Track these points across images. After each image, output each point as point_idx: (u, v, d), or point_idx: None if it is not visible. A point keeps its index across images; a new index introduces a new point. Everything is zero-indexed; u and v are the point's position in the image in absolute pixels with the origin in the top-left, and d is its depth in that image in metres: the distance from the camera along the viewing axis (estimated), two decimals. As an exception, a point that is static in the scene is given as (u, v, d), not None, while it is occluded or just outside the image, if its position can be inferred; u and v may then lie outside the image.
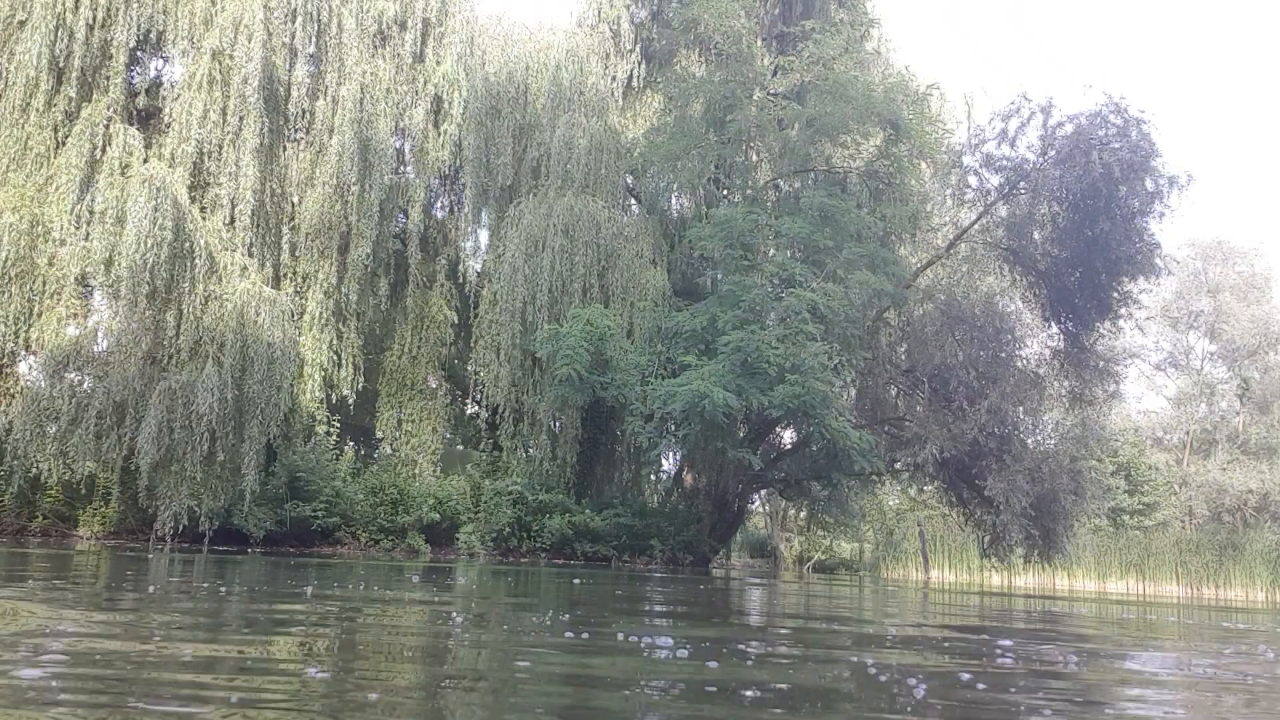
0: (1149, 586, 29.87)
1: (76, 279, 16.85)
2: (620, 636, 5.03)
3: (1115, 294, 19.50)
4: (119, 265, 15.74)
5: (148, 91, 19.08)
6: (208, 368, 15.92)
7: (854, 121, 19.48)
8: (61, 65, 17.59)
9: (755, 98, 21.08)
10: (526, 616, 6.12)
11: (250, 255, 17.97)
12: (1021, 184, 19.58)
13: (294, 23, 19.16)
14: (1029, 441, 19.99)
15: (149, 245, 15.67)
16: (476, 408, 21.43)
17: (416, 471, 20.64)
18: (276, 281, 18.71)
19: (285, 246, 19.07)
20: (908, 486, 27.46)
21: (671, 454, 22.58)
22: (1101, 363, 21.07)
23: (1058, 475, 18.61)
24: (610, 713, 2.90)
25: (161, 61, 19.79)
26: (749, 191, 21.85)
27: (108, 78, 18.04)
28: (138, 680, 3.07)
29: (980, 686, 3.83)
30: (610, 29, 23.83)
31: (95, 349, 16.87)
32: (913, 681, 3.83)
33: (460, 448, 23.98)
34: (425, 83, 21.18)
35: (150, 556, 12.59)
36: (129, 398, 15.80)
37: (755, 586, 14.61)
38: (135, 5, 17.91)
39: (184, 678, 3.15)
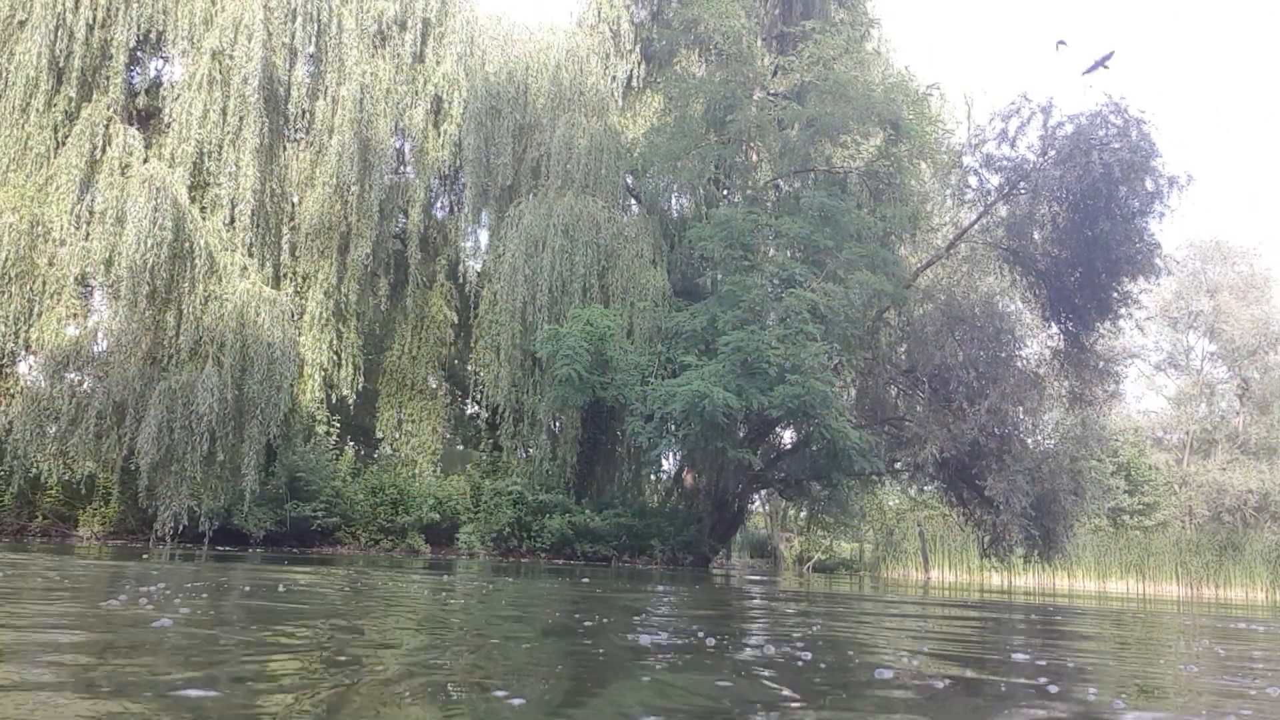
0: (1149, 586, 29.88)
1: (76, 279, 16.84)
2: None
3: (1115, 294, 19.49)
4: (119, 265, 15.74)
5: (148, 91, 19.09)
6: (208, 368, 15.92)
7: (854, 121, 19.49)
8: (61, 65, 17.58)
9: (755, 98, 21.09)
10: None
11: (250, 255, 17.98)
12: (1021, 184, 19.58)
13: (294, 23, 19.16)
14: (1029, 441, 19.99)
15: (149, 245, 15.67)
16: (476, 408, 21.43)
17: (416, 471, 20.64)
18: (276, 281, 18.72)
19: (285, 246, 19.08)
20: (908, 486, 27.45)
21: (671, 454, 22.58)
22: (1101, 363, 21.08)
23: (1058, 475, 18.62)
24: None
25: (161, 61, 19.79)
26: (749, 191, 21.85)
27: (108, 78, 18.04)
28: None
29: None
30: (610, 29, 23.85)
31: (95, 349, 16.86)
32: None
33: (460, 448, 23.97)
34: (425, 83, 21.18)
35: (146, 557, 12.59)
36: (129, 398, 15.80)
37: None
38: (135, 5, 17.91)
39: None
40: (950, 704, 3.28)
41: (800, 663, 4.08)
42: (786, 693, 3.27)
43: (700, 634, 5.16)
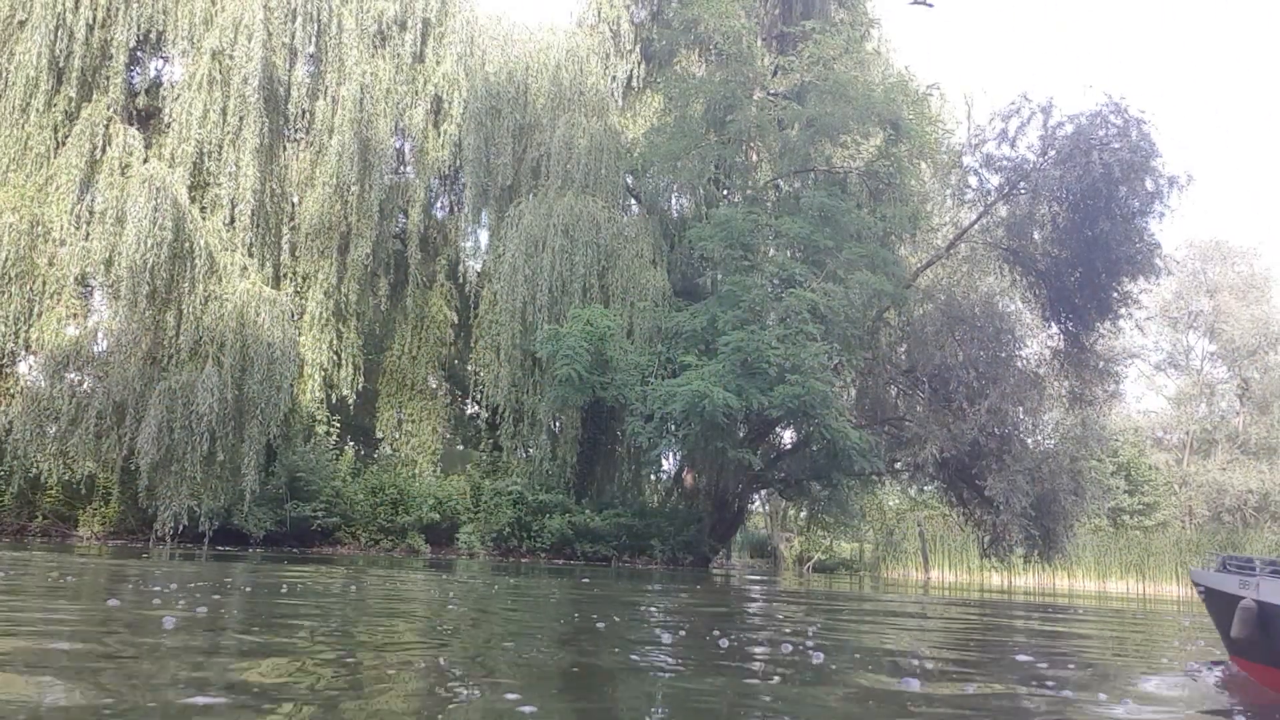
0: (1149, 586, 29.88)
1: (76, 279, 16.82)
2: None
3: (1115, 294, 19.47)
4: (119, 265, 15.72)
5: (148, 91, 19.06)
6: (208, 368, 15.90)
7: (854, 121, 19.47)
8: (61, 65, 17.55)
9: (755, 98, 21.07)
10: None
11: (250, 255, 17.96)
12: (1021, 184, 19.56)
13: (294, 23, 19.14)
14: (1029, 441, 19.96)
15: (149, 245, 15.66)
16: (476, 408, 21.41)
17: (416, 471, 20.61)
18: (276, 281, 18.70)
19: (285, 246, 19.06)
20: (908, 486, 27.44)
21: (671, 454, 22.56)
22: (1101, 363, 21.05)
23: (1058, 475, 18.59)
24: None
25: (161, 61, 19.77)
26: (749, 191, 21.83)
27: (108, 78, 18.02)
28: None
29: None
30: (610, 29, 23.83)
31: (95, 349, 16.84)
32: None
33: (460, 448, 23.95)
34: (425, 83, 21.16)
35: (146, 557, 12.59)
36: (129, 398, 15.78)
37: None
38: (135, 5, 17.89)
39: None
40: (970, 704, 3.28)
41: (814, 664, 4.08)
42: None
43: (714, 634, 5.16)
